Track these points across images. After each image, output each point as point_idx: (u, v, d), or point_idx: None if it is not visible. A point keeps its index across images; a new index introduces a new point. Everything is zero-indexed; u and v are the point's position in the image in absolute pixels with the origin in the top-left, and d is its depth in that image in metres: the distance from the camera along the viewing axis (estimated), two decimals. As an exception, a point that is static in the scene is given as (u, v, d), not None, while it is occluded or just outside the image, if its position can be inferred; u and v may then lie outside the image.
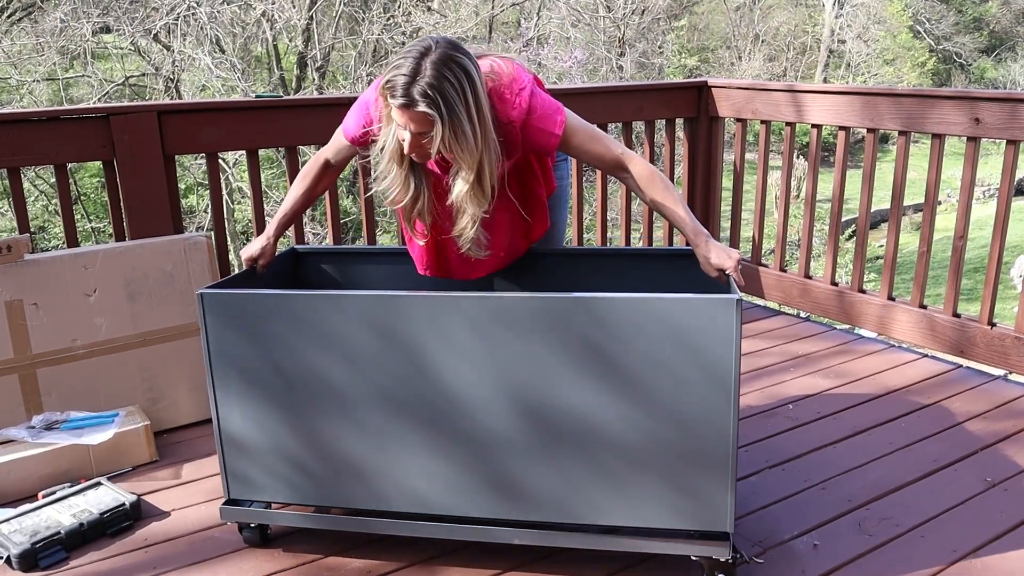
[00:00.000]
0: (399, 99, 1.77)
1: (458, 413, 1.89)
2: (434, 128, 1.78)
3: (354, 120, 2.10)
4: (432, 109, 1.76)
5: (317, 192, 2.31)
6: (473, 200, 1.91)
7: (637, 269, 2.30)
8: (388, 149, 1.92)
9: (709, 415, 1.78)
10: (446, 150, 1.82)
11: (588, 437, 1.85)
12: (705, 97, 4.08)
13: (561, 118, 1.97)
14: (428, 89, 1.75)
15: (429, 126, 1.79)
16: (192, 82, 14.72)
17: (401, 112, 1.79)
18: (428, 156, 1.88)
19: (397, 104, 1.78)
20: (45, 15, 14.90)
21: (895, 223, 3.40)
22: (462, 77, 1.77)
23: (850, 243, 15.28)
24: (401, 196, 1.98)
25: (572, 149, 2.03)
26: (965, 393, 2.99)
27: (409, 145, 1.84)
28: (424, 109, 1.76)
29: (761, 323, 3.77)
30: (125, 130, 2.86)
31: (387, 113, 1.87)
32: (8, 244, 2.54)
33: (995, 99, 2.99)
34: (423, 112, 1.76)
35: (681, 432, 1.80)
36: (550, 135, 1.96)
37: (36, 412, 2.60)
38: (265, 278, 2.26)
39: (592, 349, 1.79)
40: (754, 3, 30.01)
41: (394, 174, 1.96)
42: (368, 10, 16.07)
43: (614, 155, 2.04)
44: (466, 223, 1.95)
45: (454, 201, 1.93)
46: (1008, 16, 33.78)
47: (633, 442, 1.83)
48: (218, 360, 1.96)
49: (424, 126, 1.79)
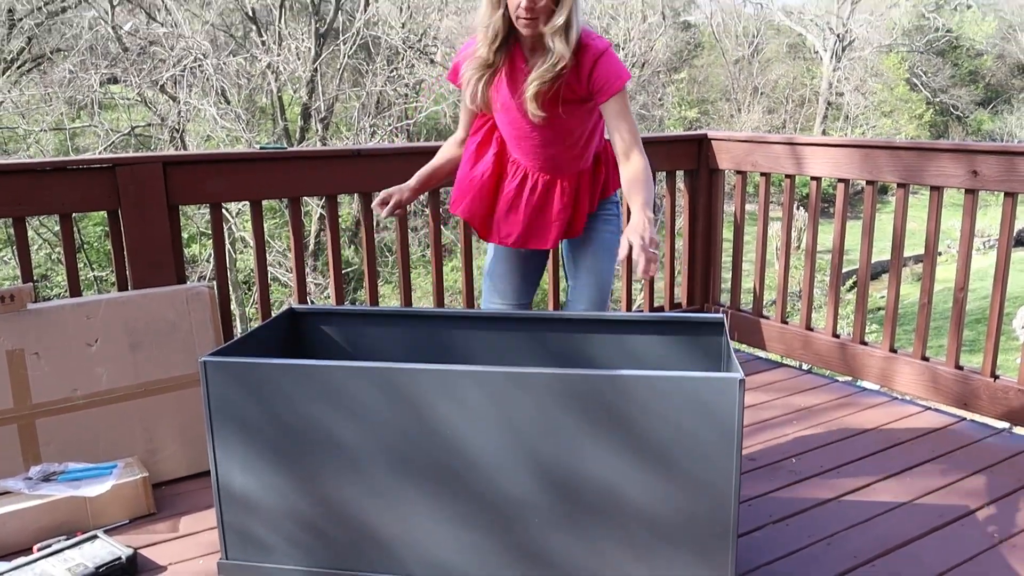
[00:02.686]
0: None
1: (475, 478, 1.88)
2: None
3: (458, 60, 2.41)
4: None
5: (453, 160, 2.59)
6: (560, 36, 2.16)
7: (633, 335, 2.32)
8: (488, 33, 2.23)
9: (712, 476, 1.78)
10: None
11: (598, 502, 1.85)
12: (705, 149, 4.12)
13: (627, 77, 2.26)
14: None
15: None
16: (197, 132, 14.90)
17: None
18: (538, 15, 2.13)
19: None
20: (54, 66, 15.13)
21: (896, 275, 3.41)
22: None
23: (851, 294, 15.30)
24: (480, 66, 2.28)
25: (616, 106, 2.25)
26: (970, 447, 2.97)
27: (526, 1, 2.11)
28: None
29: (763, 375, 3.76)
30: (130, 180, 2.88)
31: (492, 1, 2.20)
32: (11, 293, 2.54)
33: (992, 152, 3.02)
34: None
35: (686, 492, 1.80)
36: (618, 76, 2.23)
37: (34, 463, 2.58)
38: (265, 340, 2.25)
39: (607, 419, 1.81)
40: (753, 56, 30.45)
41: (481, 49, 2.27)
42: (372, 62, 16.31)
43: (634, 139, 2.27)
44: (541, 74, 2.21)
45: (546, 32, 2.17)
46: (1003, 69, 34.24)
47: (642, 505, 1.83)
48: (218, 417, 1.96)
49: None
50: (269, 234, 14.30)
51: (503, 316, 2.37)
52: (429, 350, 2.39)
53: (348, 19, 16.33)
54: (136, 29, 14.59)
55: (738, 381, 1.74)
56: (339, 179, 3.29)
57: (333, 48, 15.94)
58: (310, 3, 15.95)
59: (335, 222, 3.40)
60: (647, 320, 2.31)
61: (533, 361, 2.34)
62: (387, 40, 16.30)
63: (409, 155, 3.44)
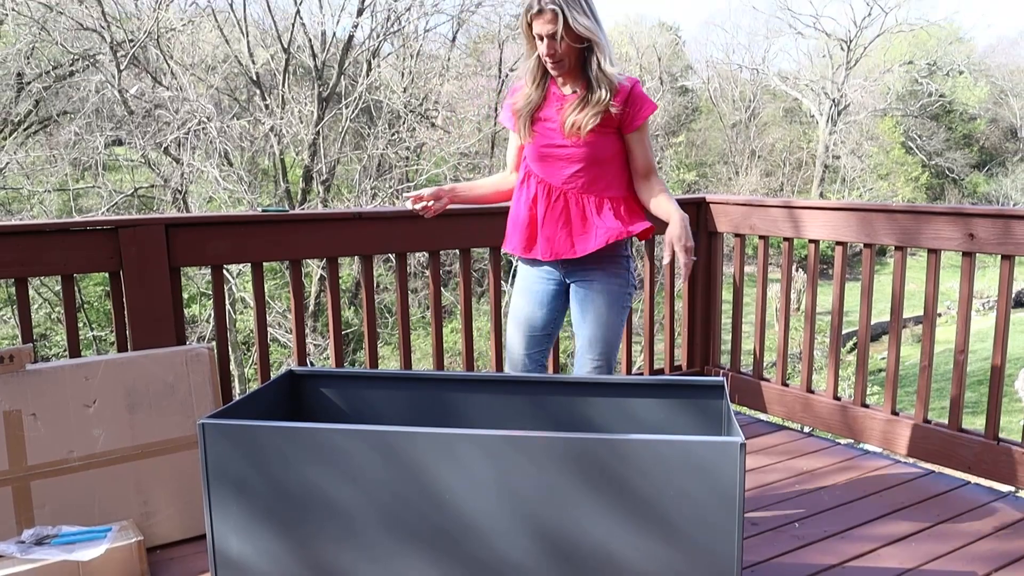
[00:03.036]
0: (534, 10, 2.41)
1: (475, 542, 1.86)
2: (558, 20, 2.38)
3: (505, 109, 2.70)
4: (554, 4, 2.38)
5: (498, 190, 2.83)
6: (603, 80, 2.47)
7: (634, 398, 2.32)
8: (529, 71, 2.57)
9: (714, 541, 1.76)
10: (574, 37, 2.42)
11: (598, 567, 1.82)
12: (704, 213, 4.16)
13: (652, 110, 2.57)
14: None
15: (555, 22, 2.39)
16: (199, 193, 15.03)
17: (537, 19, 2.41)
18: (561, 58, 2.45)
19: (533, 14, 2.41)
20: (60, 128, 15.34)
21: (895, 337, 3.41)
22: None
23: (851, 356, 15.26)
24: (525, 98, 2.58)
25: (641, 135, 2.57)
26: (974, 511, 2.93)
27: (546, 47, 2.43)
28: (551, 7, 2.38)
29: (764, 439, 3.73)
30: (133, 242, 2.90)
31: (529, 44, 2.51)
32: (11, 354, 2.54)
33: (988, 215, 3.05)
34: (551, 9, 2.38)
35: (688, 558, 1.78)
36: (650, 106, 2.57)
37: (27, 526, 2.55)
38: (264, 402, 2.25)
39: (607, 484, 1.80)
40: (750, 120, 30.89)
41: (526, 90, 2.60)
42: (373, 126, 16.54)
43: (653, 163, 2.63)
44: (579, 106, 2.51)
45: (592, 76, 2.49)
46: (996, 133, 34.73)
47: (643, 571, 1.80)
48: (216, 480, 1.94)
49: (552, 23, 2.39)
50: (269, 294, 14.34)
51: (503, 379, 2.37)
52: (429, 413, 2.38)
53: (351, 84, 16.61)
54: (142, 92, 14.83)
55: (739, 445, 1.73)
56: (340, 241, 3.32)
57: (335, 112, 16.19)
58: (313, 68, 16.25)
59: (336, 284, 3.41)
60: (647, 383, 2.31)
61: (533, 424, 2.33)
62: (389, 104, 16.56)
63: (409, 218, 3.47)
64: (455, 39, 19.66)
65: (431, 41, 18.96)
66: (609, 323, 2.60)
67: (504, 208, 3.32)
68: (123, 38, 14.25)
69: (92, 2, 13.89)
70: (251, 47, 15.95)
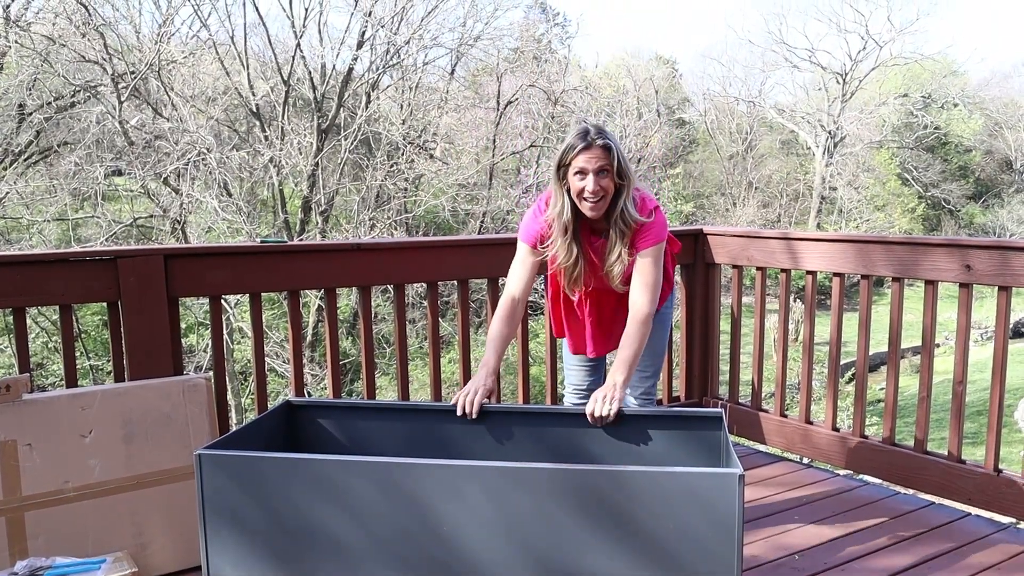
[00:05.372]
0: (581, 146, 2.47)
1: (473, 574, 1.84)
2: (610, 155, 2.46)
3: (528, 227, 2.69)
4: (608, 140, 2.48)
5: (514, 328, 2.67)
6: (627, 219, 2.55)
7: (632, 429, 2.32)
8: (560, 220, 2.57)
9: (713, 573, 1.75)
10: (618, 175, 2.49)
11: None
12: (701, 244, 4.17)
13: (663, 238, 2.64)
14: (599, 134, 2.49)
15: (607, 157, 2.46)
16: (198, 224, 15.06)
17: (584, 154, 2.47)
18: (604, 195, 2.49)
19: (580, 150, 2.47)
20: (61, 158, 15.40)
21: (894, 368, 3.41)
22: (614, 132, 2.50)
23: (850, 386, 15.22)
24: (566, 260, 2.60)
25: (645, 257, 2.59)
26: (975, 543, 2.91)
27: (591, 185, 2.47)
28: (602, 142, 2.47)
29: (763, 470, 3.71)
30: (132, 273, 2.90)
31: (558, 189, 2.54)
32: (7, 384, 2.53)
33: (985, 247, 3.06)
34: (602, 144, 2.47)
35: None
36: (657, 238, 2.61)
37: (21, 557, 2.52)
38: (261, 433, 2.24)
39: (606, 515, 1.80)
40: (747, 152, 31.08)
41: (560, 243, 2.59)
42: (372, 157, 16.63)
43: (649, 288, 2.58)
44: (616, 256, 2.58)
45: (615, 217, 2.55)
46: (992, 165, 34.94)
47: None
48: (212, 511, 1.93)
49: (604, 159, 2.46)
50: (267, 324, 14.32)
51: (501, 410, 2.36)
52: (427, 444, 2.37)
53: (350, 115, 16.71)
54: (142, 124, 14.90)
55: (738, 476, 1.73)
56: (338, 272, 3.32)
57: (334, 143, 16.26)
58: (313, 100, 16.34)
59: (334, 315, 3.41)
60: (646, 414, 2.31)
61: (532, 456, 2.32)
62: (387, 136, 16.65)
63: (408, 249, 3.48)
64: (454, 72, 19.79)
65: (430, 73, 19.10)
66: (660, 353, 2.93)
67: (501, 239, 3.35)
68: (124, 70, 14.35)
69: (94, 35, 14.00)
70: (251, 79, 16.07)
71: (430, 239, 3.33)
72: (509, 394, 7.14)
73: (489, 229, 16.46)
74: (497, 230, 16.37)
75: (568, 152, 2.49)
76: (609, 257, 2.60)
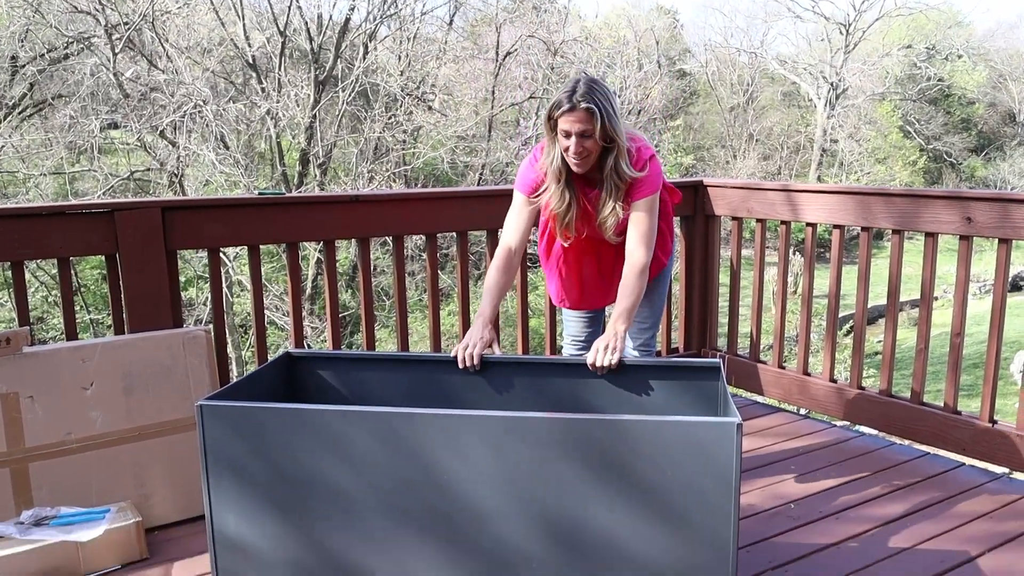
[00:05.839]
0: (565, 107, 2.41)
1: (472, 523, 1.87)
2: (594, 119, 2.40)
3: (524, 176, 2.68)
4: (591, 103, 2.39)
5: (511, 278, 2.66)
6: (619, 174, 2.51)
7: (631, 380, 2.33)
8: (552, 168, 2.54)
9: (711, 521, 1.77)
10: (605, 136, 2.44)
11: (595, 547, 1.83)
12: (701, 196, 4.15)
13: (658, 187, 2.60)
14: (585, 95, 2.40)
15: (591, 121, 2.40)
16: (196, 177, 14.97)
17: (567, 116, 2.42)
18: (588, 155, 2.46)
19: (564, 111, 2.42)
20: (55, 111, 15.26)
21: (892, 321, 3.42)
22: (605, 88, 2.45)
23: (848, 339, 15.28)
24: (558, 206, 2.59)
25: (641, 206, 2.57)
26: (968, 492, 2.95)
27: (574, 147, 2.44)
28: (586, 106, 2.39)
29: (760, 420, 3.74)
30: (129, 225, 2.89)
31: (550, 139, 2.51)
32: (7, 337, 2.54)
33: (986, 199, 3.05)
34: (586, 108, 2.39)
35: (685, 537, 1.79)
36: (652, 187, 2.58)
37: (26, 507, 2.55)
38: (261, 384, 2.25)
39: (604, 464, 1.81)
40: (748, 104, 30.82)
41: (553, 189, 2.57)
42: (370, 109, 16.47)
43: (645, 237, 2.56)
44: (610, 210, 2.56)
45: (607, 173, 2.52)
46: (995, 117, 34.66)
47: (640, 550, 1.81)
48: (214, 461, 1.94)
49: (587, 123, 2.41)
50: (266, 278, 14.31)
51: (500, 361, 2.37)
52: (426, 395, 2.38)
53: (347, 67, 16.51)
54: (137, 76, 14.73)
55: (736, 425, 1.74)
56: (337, 224, 3.31)
57: (332, 95, 16.10)
58: (310, 51, 16.14)
59: (333, 267, 3.41)
60: (644, 365, 2.32)
61: (531, 406, 2.34)
62: (385, 87, 16.48)
63: (406, 201, 3.47)
64: (452, 22, 19.52)
65: (428, 24, 18.82)
66: (660, 306, 2.96)
67: (500, 191, 3.33)
68: (118, 21, 14.14)
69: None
70: (247, 30, 15.84)
71: (429, 190, 3.31)
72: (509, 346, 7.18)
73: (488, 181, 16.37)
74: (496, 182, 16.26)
75: (555, 108, 2.46)
76: (603, 211, 2.60)
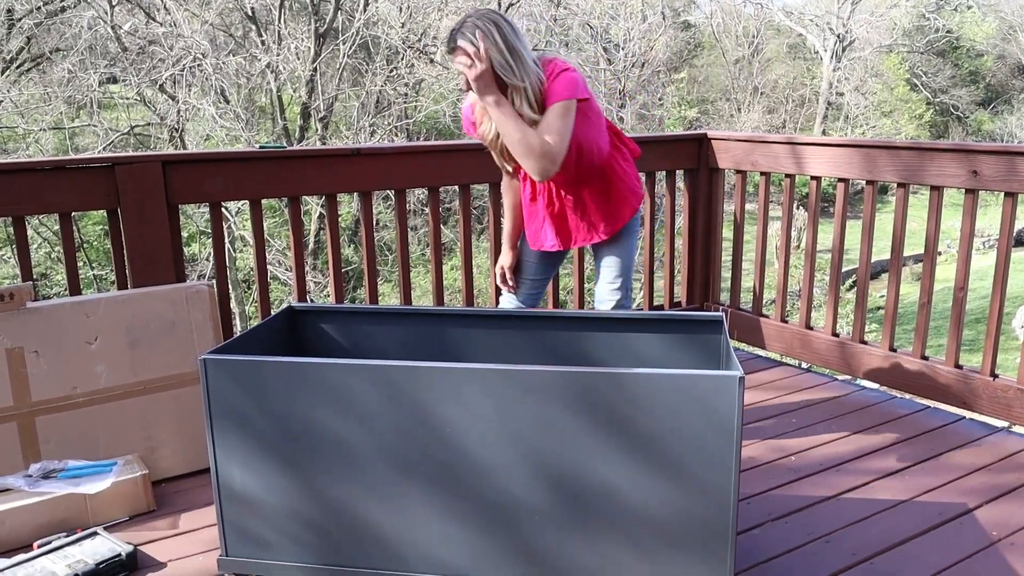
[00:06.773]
0: (447, 48, 2.42)
1: (475, 476, 1.89)
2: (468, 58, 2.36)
3: (463, 116, 2.73)
4: (464, 42, 2.37)
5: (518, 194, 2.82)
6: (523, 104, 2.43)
7: (633, 333, 2.34)
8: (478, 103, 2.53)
9: (712, 474, 1.78)
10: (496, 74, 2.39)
11: (597, 499, 1.84)
12: (705, 149, 4.12)
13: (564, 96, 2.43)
14: (461, 33, 2.38)
15: (468, 58, 2.37)
16: (196, 132, 14.89)
17: (452, 58, 2.42)
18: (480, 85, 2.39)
19: (448, 52, 2.43)
20: (53, 66, 15.13)
21: (895, 275, 3.41)
22: (490, 24, 2.37)
23: (851, 293, 15.30)
24: (487, 131, 2.58)
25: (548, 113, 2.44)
26: (968, 445, 2.97)
27: (464, 82, 2.43)
28: (459, 44, 2.38)
29: (762, 374, 3.76)
30: (130, 180, 2.88)
31: None
32: (11, 292, 2.54)
33: (993, 152, 3.02)
34: (460, 47, 2.38)
35: (686, 490, 1.81)
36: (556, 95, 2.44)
37: (34, 460, 2.58)
38: (264, 338, 2.25)
39: (606, 417, 1.82)
40: (753, 56, 30.44)
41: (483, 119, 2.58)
42: (371, 62, 16.31)
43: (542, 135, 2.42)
44: None
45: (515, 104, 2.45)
46: (1004, 70, 34.23)
47: (642, 502, 1.83)
48: (218, 414, 1.96)
49: (465, 58, 2.38)
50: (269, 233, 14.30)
51: (502, 314, 2.38)
52: (429, 348, 2.39)
53: (347, 19, 16.31)
54: (135, 29, 14.58)
55: (738, 379, 1.74)
56: (339, 178, 3.30)
57: (332, 48, 15.93)
58: (310, 3, 15.94)
59: (335, 221, 3.40)
60: (647, 319, 2.32)
61: (533, 359, 2.34)
62: (386, 40, 16.29)
63: (408, 154, 3.44)
64: (453, -28, 19.23)
65: (429, -26, 18.54)
66: (628, 265, 2.84)
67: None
68: (115, -29, 13.96)
69: (82, -66, 13.58)
70: (246, -20, 15.63)
71: (431, 143, 3.29)
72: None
73: (490, 136, 16.22)
74: (499, 137, 16.12)
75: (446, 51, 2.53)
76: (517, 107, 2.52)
